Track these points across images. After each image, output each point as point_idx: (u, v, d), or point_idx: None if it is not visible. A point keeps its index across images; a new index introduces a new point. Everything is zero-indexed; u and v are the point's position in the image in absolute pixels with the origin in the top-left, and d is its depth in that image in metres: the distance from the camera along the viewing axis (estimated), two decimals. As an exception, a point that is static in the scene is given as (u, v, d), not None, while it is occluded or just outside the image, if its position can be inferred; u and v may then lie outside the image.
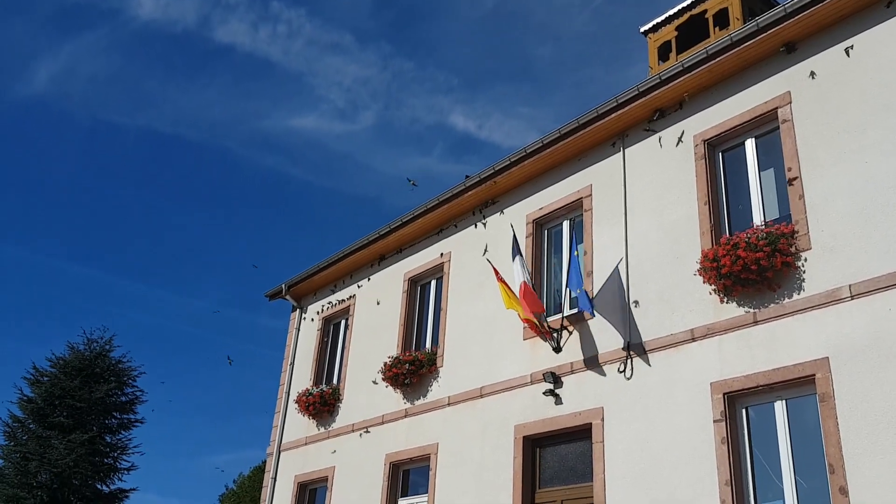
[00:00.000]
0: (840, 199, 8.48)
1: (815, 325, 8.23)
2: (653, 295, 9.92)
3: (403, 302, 14.18)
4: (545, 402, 10.66)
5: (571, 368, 10.52)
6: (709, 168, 9.91)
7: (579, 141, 11.43)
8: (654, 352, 9.63)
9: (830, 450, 7.71)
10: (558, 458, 10.56)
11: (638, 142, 10.92)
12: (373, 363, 14.03)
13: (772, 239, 8.63)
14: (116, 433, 22.23)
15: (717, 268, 8.97)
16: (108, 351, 22.62)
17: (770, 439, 8.45)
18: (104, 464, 21.47)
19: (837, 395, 7.82)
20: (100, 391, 21.24)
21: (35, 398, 21.32)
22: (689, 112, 10.36)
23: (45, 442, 20.52)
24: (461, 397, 12.06)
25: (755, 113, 9.55)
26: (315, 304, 16.67)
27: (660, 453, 9.12)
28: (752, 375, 8.54)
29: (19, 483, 19.94)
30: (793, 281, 8.59)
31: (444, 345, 12.89)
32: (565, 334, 10.83)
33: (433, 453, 12.16)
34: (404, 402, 13.15)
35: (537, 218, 12.12)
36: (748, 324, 8.79)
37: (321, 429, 14.85)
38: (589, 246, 10.97)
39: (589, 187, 11.39)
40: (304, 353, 16.34)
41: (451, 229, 13.78)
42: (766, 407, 8.58)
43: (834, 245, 8.36)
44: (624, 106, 10.74)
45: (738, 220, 9.61)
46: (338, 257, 15.56)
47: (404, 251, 14.68)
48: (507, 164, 12.33)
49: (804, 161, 8.90)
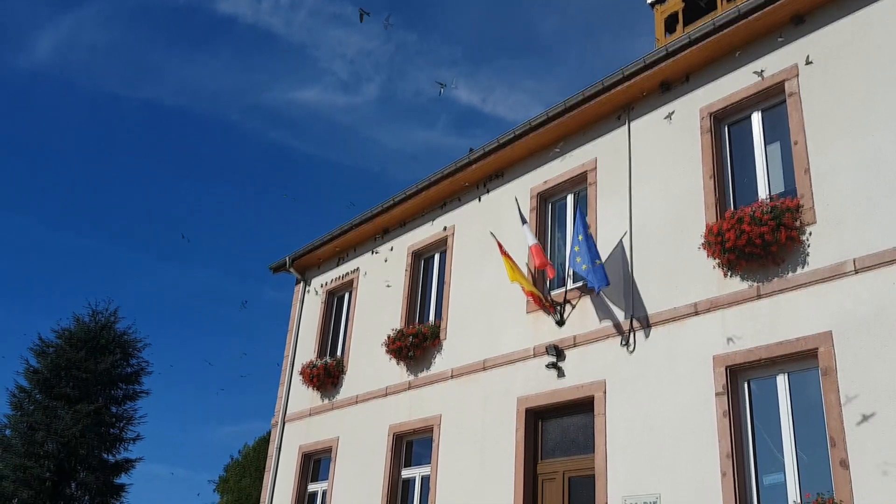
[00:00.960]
0: (846, 173, 8.43)
1: (818, 300, 8.23)
2: (656, 269, 9.91)
3: (407, 275, 14.20)
4: (548, 375, 10.71)
5: (574, 342, 10.55)
6: (714, 142, 9.85)
7: (584, 114, 11.36)
8: (657, 325, 9.65)
9: (832, 423, 7.74)
10: (560, 430, 10.63)
11: (643, 115, 10.86)
12: (376, 336, 14.09)
13: (777, 213, 8.61)
14: (122, 404, 22.40)
15: (721, 242, 8.95)
16: (113, 323, 22.74)
17: (772, 413, 8.49)
18: (110, 434, 21.67)
19: (840, 369, 7.84)
20: (105, 362, 21.38)
21: (41, 369, 21.47)
22: (695, 85, 10.29)
23: (51, 412, 20.70)
24: (464, 370, 12.12)
25: (762, 86, 9.48)
26: (319, 277, 16.70)
27: (661, 426, 9.17)
28: (755, 349, 8.56)
29: (26, 452, 20.15)
30: (797, 255, 8.57)
31: (447, 318, 12.93)
32: (568, 308, 10.84)
33: (436, 425, 12.25)
34: (408, 375, 13.22)
35: (542, 192, 12.09)
36: (751, 298, 8.79)
37: (325, 400, 14.95)
38: (593, 220, 10.95)
39: (594, 161, 11.34)
40: (308, 326, 16.40)
41: (455, 203, 13.76)
42: (769, 381, 8.60)
43: (839, 219, 8.34)
44: (630, 79, 10.65)
45: (744, 194, 9.57)
46: (341, 230, 15.56)
47: (408, 225, 14.68)
48: (511, 138, 12.27)
49: (810, 135, 8.84)
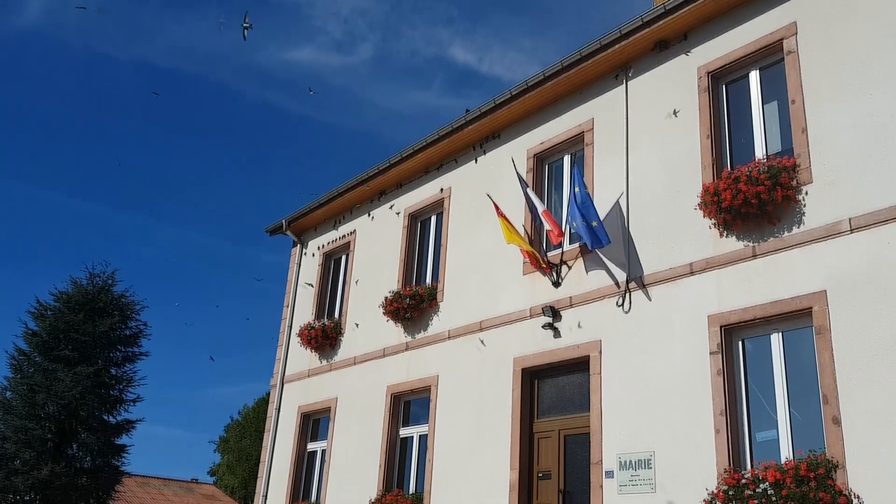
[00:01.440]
0: (843, 132, 8.41)
1: (813, 259, 8.26)
2: (653, 229, 9.93)
3: (404, 237, 14.21)
4: (544, 336, 10.78)
5: (570, 302, 10.60)
6: (712, 101, 9.80)
7: (581, 73, 11.28)
8: (653, 286, 9.69)
9: (825, 381, 7.83)
10: (556, 389, 10.74)
11: (641, 74, 10.78)
12: (374, 298, 14.14)
13: (773, 172, 8.60)
14: (121, 366, 22.46)
15: (717, 202, 8.96)
16: (110, 285, 22.70)
17: (766, 371, 8.58)
18: (110, 396, 21.77)
19: (833, 328, 7.90)
20: (103, 325, 21.40)
21: (40, 332, 21.50)
22: (693, 43, 10.20)
23: (51, 374, 20.78)
24: (461, 331, 12.20)
25: (760, 44, 9.40)
26: (316, 239, 16.71)
27: (656, 384, 9.26)
28: (750, 308, 8.62)
29: (27, 414, 20.28)
30: (793, 214, 8.59)
31: (444, 279, 12.97)
32: (564, 269, 10.88)
33: (433, 385, 12.36)
34: (405, 336, 13.30)
35: (538, 152, 12.04)
36: (747, 257, 8.82)
37: (323, 361, 15.06)
38: (590, 180, 10.92)
39: (591, 121, 11.28)
40: (306, 288, 16.45)
41: (452, 164, 13.71)
42: (763, 339, 8.68)
43: (835, 179, 8.33)
44: (627, 37, 10.55)
45: (741, 153, 9.55)
46: (338, 192, 15.53)
47: (404, 186, 14.64)
48: (507, 98, 12.19)
49: (808, 94, 8.80)
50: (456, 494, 11.29)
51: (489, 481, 10.82)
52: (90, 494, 21.08)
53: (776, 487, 7.57)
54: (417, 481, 12.35)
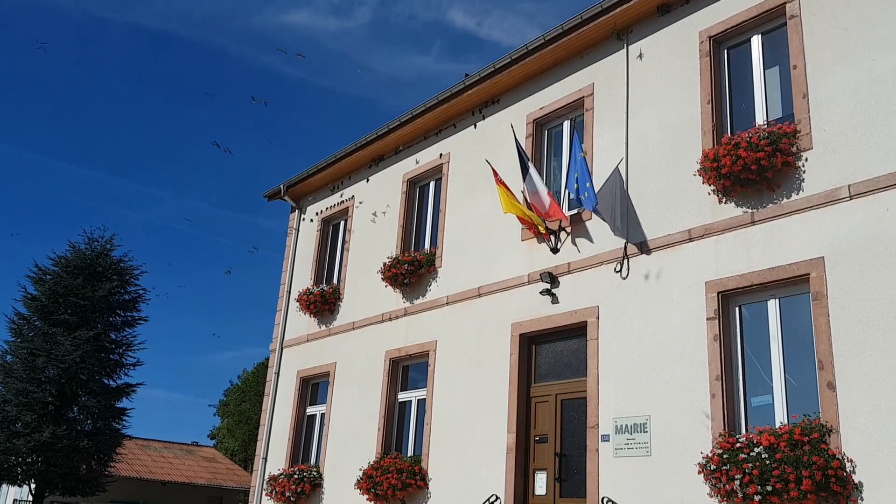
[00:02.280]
0: (844, 98, 8.36)
1: (812, 225, 8.26)
2: (652, 195, 9.91)
3: (402, 203, 14.18)
4: (542, 301, 10.82)
5: (568, 268, 10.62)
6: (713, 65, 9.72)
7: (582, 37, 11.17)
8: (651, 252, 9.70)
9: (820, 347, 7.88)
10: (553, 354, 10.80)
11: (642, 38, 10.67)
12: (372, 263, 14.16)
13: (773, 138, 8.56)
14: (121, 330, 22.60)
15: (717, 168, 8.93)
16: (109, 250, 22.74)
17: (762, 337, 8.63)
18: (110, 360, 21.92)
19: (830, 294, 7.93)
20: (103, 289, 21.47)
21: (39, 296, 21.57)
22: (695, 7, 10.08)
23: (51, 339, 20.88)
24: (459, 297, 12.23)
25: (763, 8, 9.30)
26: (314, 205, 16.68)
27: (653, 349, 9.32)
28: (747, 275, 8.64)
29: (28, 378, 20.43)
30: (792, 181, 8.57)
31: (442, 245, 12.98)
32: (563, 235, 10.88)
33: (432, 350, 12.43)
34: (403, 302, 13.35)
35: (538, 118, 11.98)
36: (745, 224, 8.82)
37: (322, 326, 15.12)
38: (589, 146, 10.88)
39: (591, 86, 11.20)
40: (304, 254, 16.47)
41: (451, 130, 13.64)
42: (760, 305, 8.71)
43: (835, 145, 8.30)
44: (628, 0, 10.43)
45: (741, 119, 9.50)
46: (336, 158, 15.46)
47: (403, 152, 14.58)
48: (507, 62, 12.08)
49: (810, 59, 8.73)
50: (453, 457, 11.42)
51: (486, 444, 10.94)
52: (91, 456, 21.31)
53: (770, 451, 7.66)
54: (416, 445, 12.48)
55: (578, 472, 9.86)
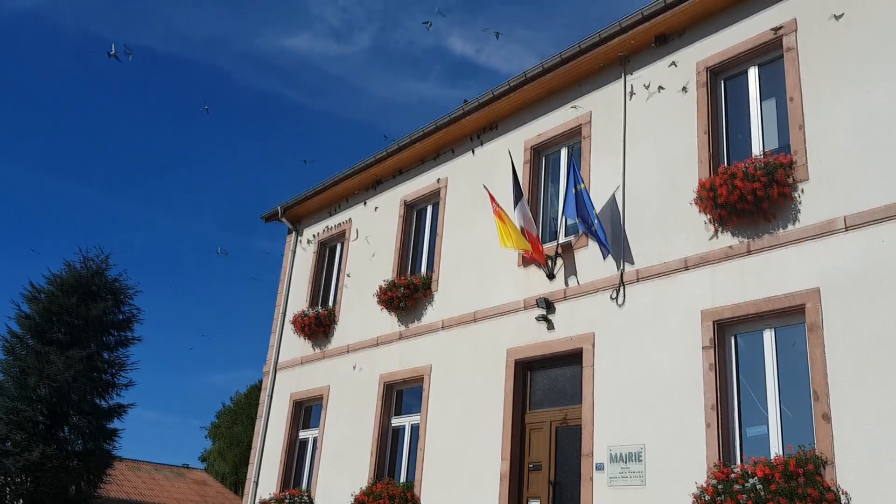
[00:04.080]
0: (840, 130, 8.42)
1: (808, 256, 8.29)
2: (648, 223, 9.94)
3: (399, 226, 14.20)
4: (537, 327, 10.80)
5: (564, 295, 10.62)
6: (710, 96, 9.80)
7: (580, 66, 11.26)
8: (647, 280, 9.71)
9: (816, 378, 7.86)
10: (549, 381, 10.77)
11: (640, 68, 10.77)
12: (368, 286, 14.14)
13: (769, 169, 8.61)
14: (114, 350, 22.40)
15: (713, 197, 8.97)
16: (104, 269, 22.61)
17: (757, 367, 8.61)
18: (102, 380, 21.73)
19: (826, 325, 7.93)
20: (97, 309, 21.33)
21: (32, 315, 21.42)
22: (692, 39, 10.19)
23: (43, 357, 20.72)
24: (455, 321, 12.21)
25: (759, 41, 9.40)
26: (311, 227, 16.69)
27: (648, 378, 9.30)
28: (743, 304, 8.65)
29: (19, 396, 20.24)
30: (788, 211, 8.61)
31: (439, 269, 12.98)
32: (559, 261, 10.89)
33: (426, 375, 12.38)
34: (399, 325, 13.32)
35: (535, 145, 12.04)
36: (741, 254, 8.85)
37: (316, 349, 15.07)
38: (586, 173, 10.93)
39: (588, 114, 11.27)
40: (301, 276, 16.45)
41: (449, 155, 13.70)
42: (755, 335, 8.71)
43: (831, 176, 8.35)
44: (627, 31, 10.54)
45: (738, 149, 9.56)
46: (334, 181, 15.50)
47: (401, 176, 14.62)
48: (506, 90, 12.17)
49: (806, 91, 8.81)
50: (447, 484, 11.34)
51: (480, 471, 10.86)
52: (81, 477, 21.05)
53: (765, 482, 7.62)
54: (409, 470, 12.39)
55: (572, 501, 9.79)
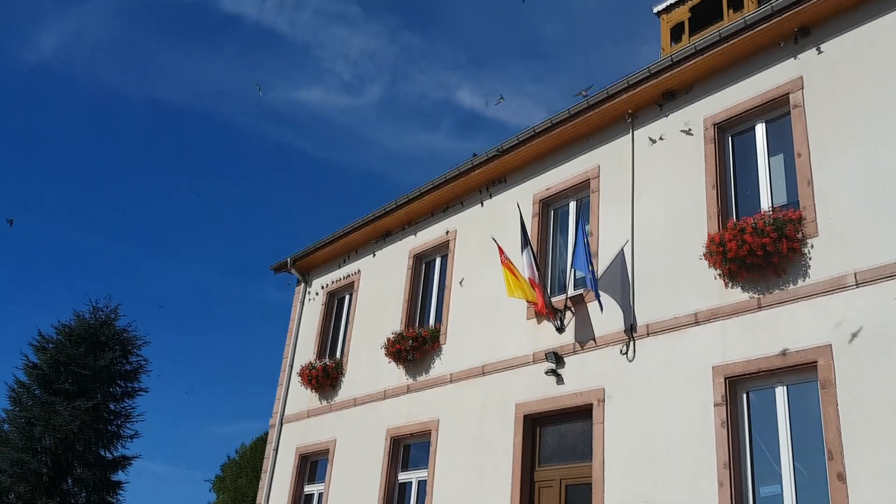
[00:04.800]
0: (849, 186, 8.44)
1: (819, 312, 8.23)
2: (658, 277, 9.92)
3: (408, 278, 14.21)
4: (547, 382, 10.71)
5: (574, 349, 10.55)
6: (718, 151, 9.86)
7: (588, 121, 11.38)
8: (658, 334, 9.65)
9: (830, 436, 7.74)
10: (558, 436, 10.63)
11: (647, 123, 10.87)
12: (376, 338, 14.09)
13: (779, 224, 8.61)
14: (120, 401, 22.40)
15: (723, 252, 8.96)
16: (113, 319, 22.74)
17: (770, 424, 8.49)
18: (108, 431, 21.67)
19: (839, 382, 7.84)
20: (104, 359, 21.38)
21: (40, 364, 21.47)
22: (699, 95, 10.30)
23: (49, 408, 20.69)
24: (463, 374, 12.13)
25: (766, 97, 9.49)
26: (320, 278, 16.72)
27: (660, 435, 9.17)
28: (755, 360, 8.56)
29: (24, 447, 20.15)
30: (798, 267, 8.58)
31: (447, 322, 12.93)
32: (569, 314, 10.85)
33: (434, 429, 12.25)
34: (406, 378, 13.23)
35: (544, 198, 12.10)
36: (752, 309, 8.80)
37: (323, 402, 14.95)
38: (595, 227, 10.96)
39: (596, 168, 11.35)
40: (308, 327, 16.41)
41: (458, 207, 13.77)
42: (768, 392, 8.60)
43: (841, 232, 8.34)
44: (634, 87, 10.67)
45: (746, 204, 9.58)
46: (343, 232, 15.58)
47: (410, 227, 14.69)
48: (515, 143, 12.29)
49: (814, 147, 8.85)
50: (454, 542, 11.12)
51: (488, 529, 10.66)
52: (84, 531, 20.82)
53: (780, 544, 7.45)
54: (415, 527, 12.18)
55: (583, 561, 9.58)
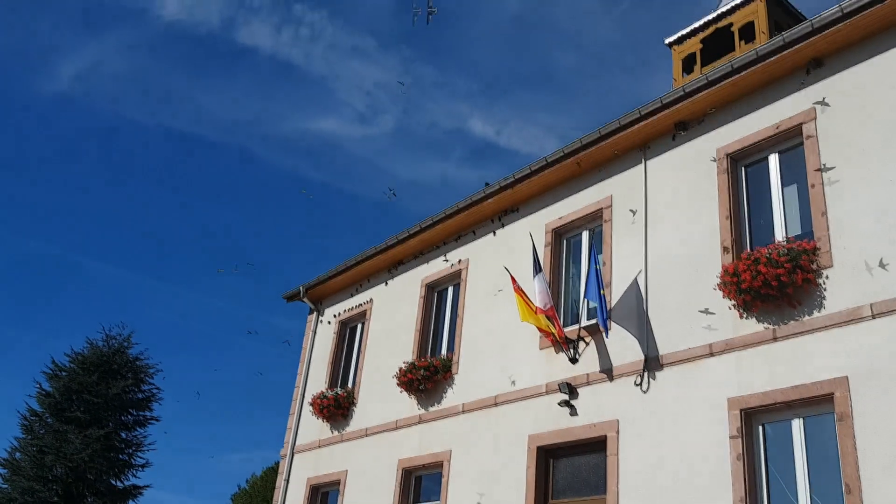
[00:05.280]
0: (864, 216, 8.40)
1: (835, 344, 8.15)
2: (671, 308, 9.87)
3: (420, 307, 14.19)
4: (560, 413, 10.63)
5: (587, 380, 10.48)
6: (731, 182, 9.85)
7: (601, 151, 11.41)
8: (672, 366, 9.58)
9: (847, 470, 7.63)
10: (572, 469, 10.52)
11: (660, 154, 10.88)
12: (388, 368, 14.05)
13: (793, 255, 8.57)
14: (132, 430, 22.38)
15: (737, 283, 8.91)
16: (126, 347, 22.80)
17: (786, 457, 8.38)
18: (119, 460, 21.63)
19: (856, 415, 7.74)
20: (117, 387, 21.40)
21: (53, 392, 21.52)
22: (712, 125, 10.31)
23: (61, 436, 20.69)
24: (475, 405, 12.05)
25: (779, 128, 9.49)
26: (332, 307, 16.72)
27: (675, 468, 9.06)
28: (770, 392, 8.48)
29: (35, 476, 20.13)
30: (814, 298, 8.52)
31: (459, 351, 12.89)
32: (582, 345, 10.79)
33: (446, 460, 12.15)
34: (418, 408, 13.16)
35: (556, 227, 12.10)
36: (767, 340, 8.72)
37: (335, 432, 14.88)
38: (608, 257, 10.93)
39: (609, 198, 11.35)
40: (321, 356, 16.39)
41: (470, 236, 13.79)
42: (784, 424, 8.50)
43: (856, 263, 8.29)
44: (647, 118, 10.70)
45: (760, 235, 9.54)
46: (356, 261, 15.61)
47: (422, 257, 14.70)
48: (527, 173, 12.32)
49: (827, 178, 8.83)
50: (466, 575, 10.97)
51: (501, 563, 10.52)
52: (93, 562, 20.72)
53: (799, 581, 7.31)
54: (427, 560, 12.04)
55: None
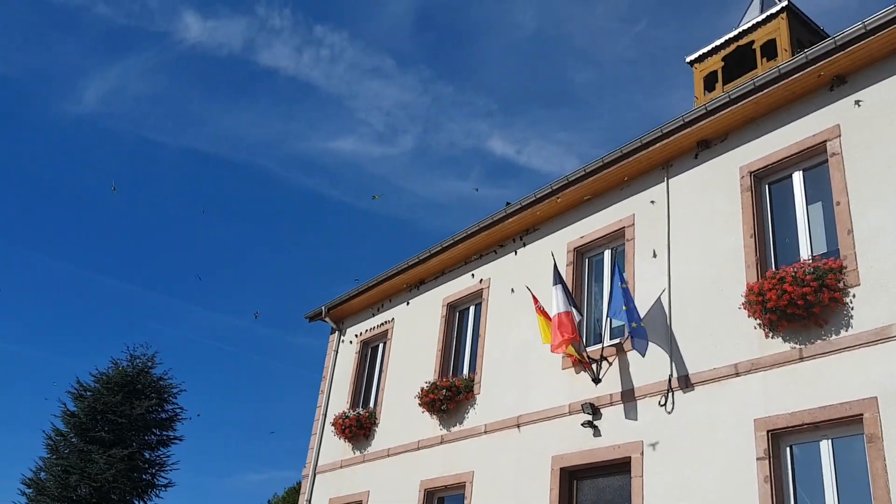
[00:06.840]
0: (890, 234, 8.29)
1: (863, 364, 8.02)
2: (696, 328, 9.77)
3: (442, 327, 14.17)
4: (583, 434, 10.53)
5: (611, 400, 10.38)
6: (755, 200, 9.77)
7: (622, 170, 11.37)
8: (697, 386, 9.47)
9: (878, 492, 7.48)
10: (596, 491, 10.40)
11: (682, 172, 10.83)
12: (410, 388, 14.02)
13: (819, 274, 8.46)
14: (155, 449, 22.46)
15: (762, 302, 8.82)
16: (150, 367, 22.93)
17: (815, 479, 8.23)
18: (142, 480, 21.69)
19: (886, 436, 7.59)
20: (141, 407, 21.51)
21: (78, 412, 21.65)
22: (734, 143, 10.25)
23: (85, 456, 20.80)
24: (498, 426, 11.97)
25: (803, 146, 9.41)
26: (354, 326, 16.74)
27: (701, 490, 8.93)
28: (798, 413, 8.35)
29: (59, 496, 20.22)
30: (840, 317, 8.40)
31: (481, 371, 12.83)
32: (605, 365, 10.70)
33: (468, 482, 12.07)
34: (440, 429, 13.10)
35: (578, 246, 12.05)
36: (794, 360, 8.60)
37: (357, 452, 14.85)
38: (630, 276, 10.86)
39: (631, 217, 11.30)
40: (342, 376, 16.39)
41: (491, 255, 13.77)
42: (812, 446, 8.36)
43: (883, 282, 8.17)
44: (669, 136, 10.66)
45: (785, 253, 9.45)
46: (378, 281, 15.64)
47: (443, 276, 14.70)
48: (548, 192, 12.30)
49: (853, 195, 8.73)
50: None
51: (525, 586, 10.40)
52: (117, 582, 20.75)
53: None
54: (450, 582, 11.93)
55: None
